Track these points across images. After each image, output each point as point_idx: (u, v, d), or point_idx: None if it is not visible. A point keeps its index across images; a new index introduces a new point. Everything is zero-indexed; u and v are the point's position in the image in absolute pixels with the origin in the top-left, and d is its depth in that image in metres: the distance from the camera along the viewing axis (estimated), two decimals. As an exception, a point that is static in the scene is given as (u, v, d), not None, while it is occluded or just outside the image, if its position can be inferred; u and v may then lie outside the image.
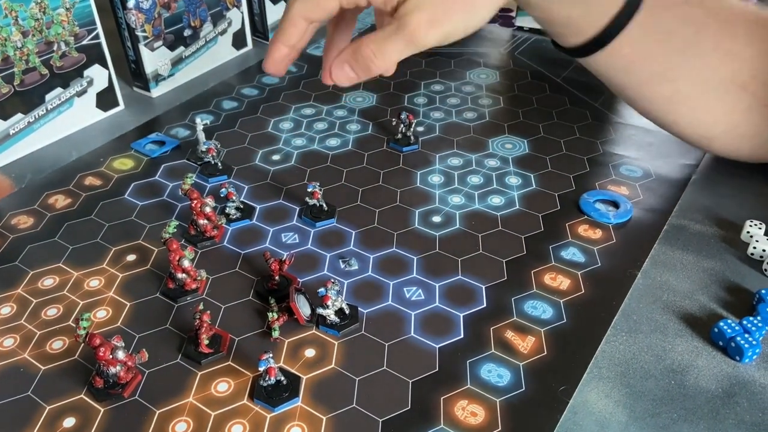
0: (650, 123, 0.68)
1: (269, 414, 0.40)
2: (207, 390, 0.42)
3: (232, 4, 0.80)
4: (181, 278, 0.48)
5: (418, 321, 0.46)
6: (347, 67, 0.38)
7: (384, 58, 0.37)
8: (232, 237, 0.54)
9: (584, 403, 0.41)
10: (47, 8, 0.62)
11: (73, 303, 0.48)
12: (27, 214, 0.57)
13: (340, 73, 0.38)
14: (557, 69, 0.80)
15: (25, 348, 0.45)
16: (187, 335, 0.45)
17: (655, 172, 0.61)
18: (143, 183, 0.61)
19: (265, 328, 0.46)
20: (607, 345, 0.44)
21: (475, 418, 0.40)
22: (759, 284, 0.49)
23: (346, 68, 0.38)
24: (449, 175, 0.61)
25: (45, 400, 0.41)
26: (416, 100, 0.74)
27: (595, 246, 0.53)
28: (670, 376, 0.42)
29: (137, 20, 0.70)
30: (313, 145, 0.66)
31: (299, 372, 0.43)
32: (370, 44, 0.37)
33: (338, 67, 0.38)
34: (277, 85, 0.77)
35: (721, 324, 0.44)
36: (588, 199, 0.57)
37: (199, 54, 0.79)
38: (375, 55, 0.37)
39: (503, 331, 0.46)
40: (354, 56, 0.37)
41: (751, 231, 0.53)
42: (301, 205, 0.57)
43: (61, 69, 0.66)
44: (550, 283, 0.49)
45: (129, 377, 0.42)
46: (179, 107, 0.73)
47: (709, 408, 0.40)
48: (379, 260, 0.52)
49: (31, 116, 0.65)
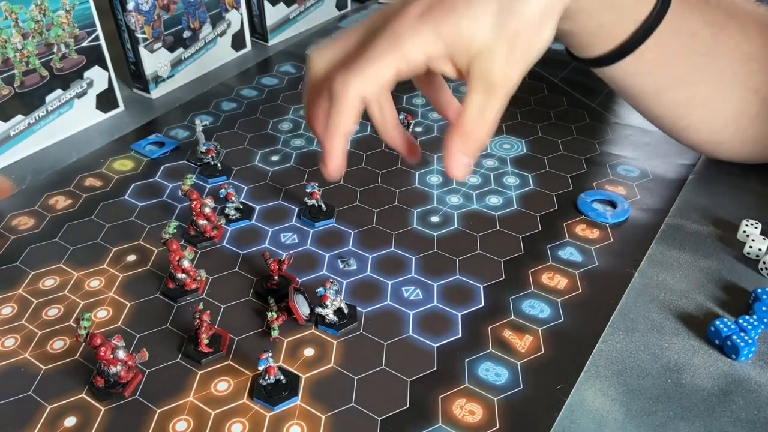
0: (647, 123, 0.69)
1: (269, 413, 0.41)
2: (207, 389, 0.42)
3: (231, 6, 0.81)
4: (181, 278, 0.48)
5: (416, 320, 0.47)
6: (464, 158, 0.37)
7: (491, 125, 0.36)
8: (231, 237, 0.55)
9: (581, 401, 0.41)
10: (47, 10, 0.63)
11: (73, 303, 0.49)
12: (27, 215, 0.57)
13: (462, 168, 0.37)
14: (555, 70, 0.80)
15: (26, 348, 0.45)
16: (187, 335, 0.45)
17: (652, 172, 0.61)
18: (143, 184, 0.61)
19: (264, 327, 0.46)
20: (604, 344, 0.45)
21: (473, 416, 0.40)
22: (755, 283, 0.49)
23: (463, 160, 0.37)
24: (447, 175, 0.62)
25: (46, 399, 0.42)
26: (415, 100, 0.74)
27: (592, 245, 0.53)
28: (667, 374, 0.43)
29: (137, 22, 0.70)
30: (311, 145, 0.66)
31: (298, 371, 0.43)
32: (474, 125, 0.36)
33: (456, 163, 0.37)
34: (276, 87, 0.77)
35: (717, 323, 0.45)
36: (585, 199, 0.57)
37: (199, 55, 0.79)
38: (484, 131, 0.36)
39: (501, 330, 0.46)
40: (467, 143, 0.36)
41: (747, 230, 0.53)
42: (300, 205, 0.58)
43: (61, 71, 0.66)
44: (548, 282, 0.50)
45: (129, 377, 0.42)
46: (179, 108, 0.73)
47: (705, 406, 0.41)
48: (377, 260, 0.52)
49: (31, 118, 0.65)
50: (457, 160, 0.37)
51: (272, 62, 0.83)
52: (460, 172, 0.37)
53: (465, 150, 0.37)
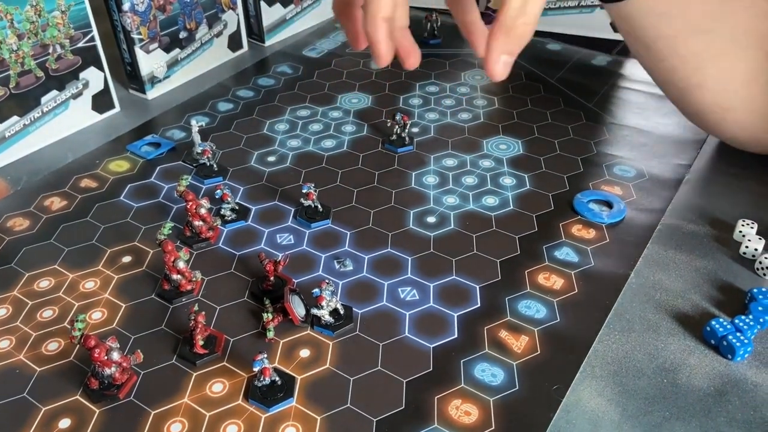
0: (643, 123, 0.69)
1: (264, 414, 0.40)
2: (202, 390, 0.42)
3: (227, 7, 0.80)
4: (177, 279, 0.48)
5: (412, 321, 0.47)
6: (505, 56, 0.36)
7: (536, 16, 0.35)
8: (227, 238, 0.55)
9: (577, 401, 0.41)
10: (43, 11, 0.63)
11: (68, 305, 0.48)
12: (23, 216, 0.57)
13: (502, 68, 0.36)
14: (552, 70, 0.80)
15: (21, 349, 0.45)
16: (182, 336, 0.45)
17: (648, 173, 0.61)
18: (139, 185, 0.61)
19: (260, 328, 0.46)
20: (600, 344, 0.45)
21: (468, 417, 0.40)
22: (751, 283, 0.49)
23: (504, 59, 0.36)
24: (444, 176, 0.62)
25: (40, 401, 0.41)
26: (411, 101, 0.74)
27: (588, 246, 0.53)
28: (663, 374, 0.43)
29: (132, 23, 0.70)
30: (308, 146, 0.66)
31: (294, 372, 0.43)
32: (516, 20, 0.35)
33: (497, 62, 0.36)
34: (273, 87, 0.77)
35: (713, 323, 0.45)
36: (582, 200, 0.57)
37: (195, 56, 0.79)
38: (527, 26, 0.35)
39: (497, 330, 0.46)
40: (509, 40, 0.35)
41: (744, 230, 0.53)
42: (296, 206, 0.58)
43: (56, 71, 0.66)
44: (544, 282, 0.50)
45: (124, 378, 0.42)
46: (175, 109, 0.73)
47: (701, 406, 0.41)
48: (373, 261, 0.52)
49: (26, 119, 0.65)
50: (497, 58, 0.36)
51: (269, 63, 0.83)
52: (501, 71, 0.37)
53: (507, 48, 0.36)
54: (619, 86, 0.76)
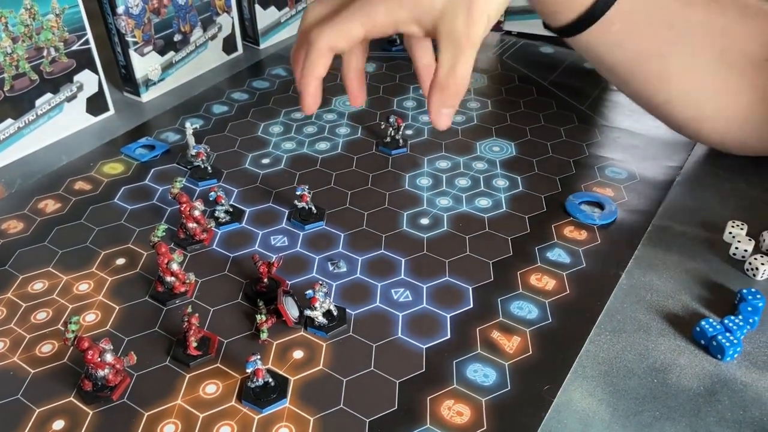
0: (635, 126, 0.69)
1: (257, 415, 0.41)
2: (195, 392, 0.42)
3: (222, 10, 0.81)
4: (170, 281, 0.49)
5: (405, 322, 0.47)
6: (444, 109, 0.40)
7: (465, 76, 0.39)
8: (221, 240, 0.55)
9: (568, 401, 0.41)
10: (37, 14, 0.63)
11: (62, 307, 0.48)
12: (17, 218, 0.57)
13: (444, 119, 0.41)
14: (544, 73, 0.80)
15: (15, 351, 0.45)
16: (175, 338, 0.46)
17: (639, 174, 0.62)
18: (133, 187, 0.61)
19: (253, 330, 0.46)
20: (591, 344, 0.45)
21: (460, 417, 0.40)
22: (740, 284, 0.50)
23: (444, 111, 0.41)
24: (437, 178, 0.62)
25: (34, 403, 0.42)
26: (405, 103, 0.74)
27: (580, 247, 0.53)
28: (653, 374, 0.43)
29: (127, 25, 0.70)
30: (302, 148, 0.67)
31: (287, 373, 0.43)
32: (447, 80, 0.39)
33: (438, 115, 0.41)
34: (267, 90, 0.77)
35: (703, 323, 0.45)
36: (574, 201, 0.58)
37: (189, 59, 0.79)
38: (458, 85, 0.39)
39: (489, 331, 0.46)
40: (444, 96, 0.40)
41: (734, 232, 0.53)
42: (290, 208, 0.58)
43: (51, 74, 0.66)
44: (536, 283, 0.50)
45: (118, 380, 0.42)
46: (169, 112, 0.73)
47: (691, 406, 0.41)
48: (367, 262, 0.52)
49: (21, 121, 0.65)
50: (438, 110, 0.41)
51: (263, 65, 0.83)
52: (443, 122, 0.41)
53: (443, 103, 0.40)
54: (610, 89, 0.76)
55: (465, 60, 0.39)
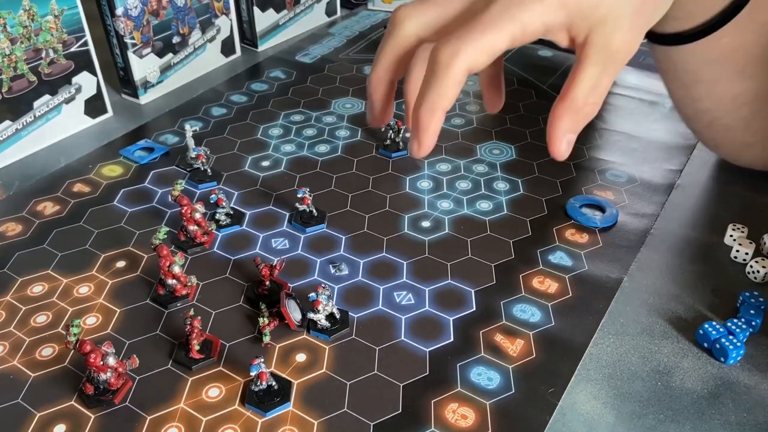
0: (635, 129, 0.69)
1: (261, 419, 0.40)
2: (198, 395, 0.42)
3: (220, 12, 0.81)
4: (172, 284, 0.48)
5: (408, 325, 0.47)
6: (570, 135, 0.33)
7: (603, 96, 0.33)
8: (222, 243, 0.54)
9: (572, 404, 0.41)
10: (36, 15, 0.62)
11: (62, 310, 0.48)
12: (15, 221, 0.57)
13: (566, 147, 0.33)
14: (543, 76, 0.81)
15: (15, 355, 0.45)
16: (177, 341, 0.45)
17: (640, 177, 0.62)
18: (132, 189, 0.61)
19: (255, 333, 0.46)
20: (594, 347, 0.45)
21: (465, 420, 0.40)
22: (742, 287, 0.50)
23: (569, 137, 0.33)
24: (438, 181, 0.62)
25: (35, 407, 0.41)
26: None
27: (581, 250, 0.53)
28: (657, 377, 0.43)
29: (126, 27, 0.70)
30: (302, 151, 0.66)
31: (290, 377, 0.43)
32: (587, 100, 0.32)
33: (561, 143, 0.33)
34: (266, 92, 0.77)
35: (706, 326, 0.45)
36: (574, 204, 0.58)
37: (188, 61, 0.79)
38: (598, 102, 0.33)
39: (492, 334, 0.46)
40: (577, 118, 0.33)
41: (734, 235, 0.54)
42: (290, 210, 0.58)
43: (49, 76, 0.65)
44: (538, 286, 0.50)
45: (120, 383, 0.42)
46: (168, 114, 0.73)
47: (694, 409, 0.41)
48: (369, 265, 0.52)
49: (19, 123, 0.64)
50: (562, 137, 0.33)
51: (262, 68, 0.83)
52: (565, 151, 0.34)
53: (573, 127, 0.33)
54: (610, 92, 0.76)
55: (612, 76, 0.33)
